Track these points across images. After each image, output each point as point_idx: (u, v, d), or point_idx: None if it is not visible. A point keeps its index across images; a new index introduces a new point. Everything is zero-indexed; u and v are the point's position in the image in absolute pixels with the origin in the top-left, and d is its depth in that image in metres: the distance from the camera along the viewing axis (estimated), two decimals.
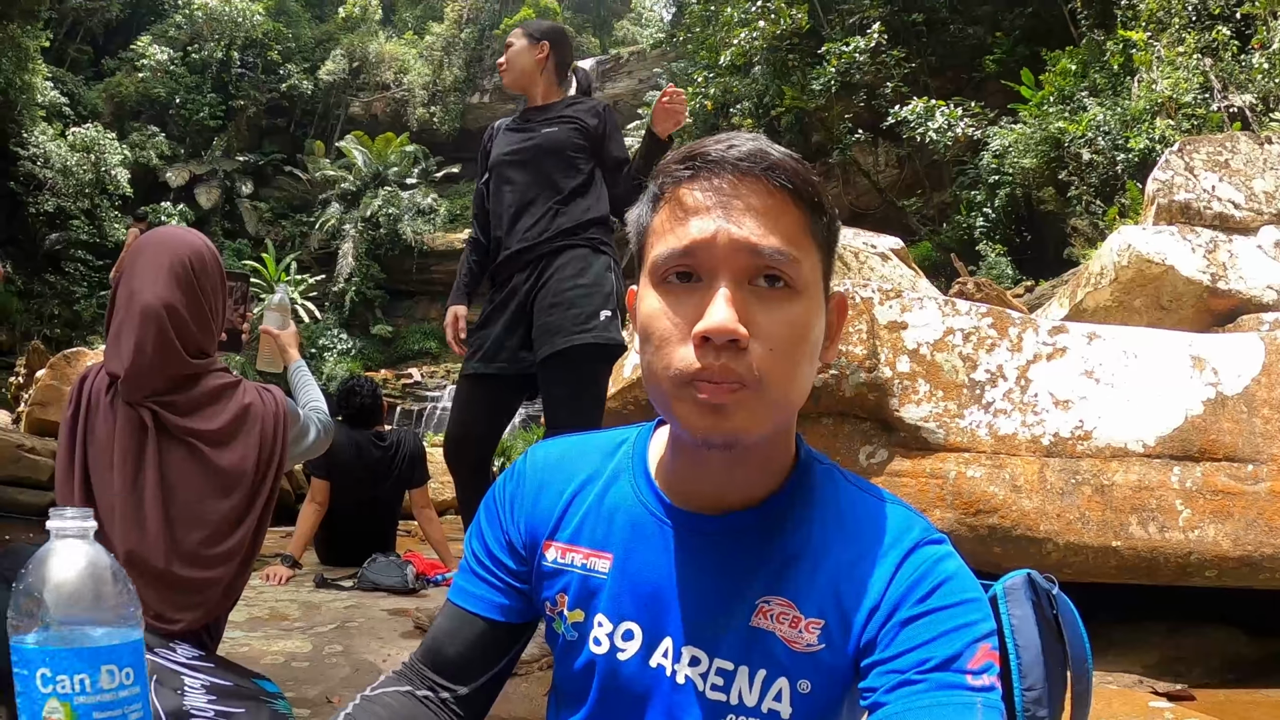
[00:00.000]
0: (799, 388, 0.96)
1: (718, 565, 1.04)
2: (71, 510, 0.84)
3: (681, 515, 1.06)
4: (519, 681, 2.87)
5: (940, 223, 15.50)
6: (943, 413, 3.02)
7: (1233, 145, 5.42)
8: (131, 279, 2.10)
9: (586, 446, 1.18)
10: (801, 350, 0.95)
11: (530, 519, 1.14)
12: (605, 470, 1.13)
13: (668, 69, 21.95)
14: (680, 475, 1.06)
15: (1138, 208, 7.29)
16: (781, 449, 1.05)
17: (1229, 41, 9.48)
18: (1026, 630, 1.10)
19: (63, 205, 22.20)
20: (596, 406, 3.10)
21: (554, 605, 1.11)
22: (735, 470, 1.02)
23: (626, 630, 1.06)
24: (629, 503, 1.09)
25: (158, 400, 2.06)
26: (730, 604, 1.02)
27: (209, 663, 2.02)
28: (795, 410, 0.99)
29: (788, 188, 0.94)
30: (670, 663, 1.03)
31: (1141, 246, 4.68)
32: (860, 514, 1.03)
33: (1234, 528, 2.79)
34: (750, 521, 1.04)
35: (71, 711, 0.77)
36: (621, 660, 1.06)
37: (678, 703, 1.03)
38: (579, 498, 1.13)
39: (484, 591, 1.15)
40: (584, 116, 3.32)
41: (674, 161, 0.98)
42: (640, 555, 1.07)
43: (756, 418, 0.93)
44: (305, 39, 30.70)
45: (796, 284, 0.94)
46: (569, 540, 1.11)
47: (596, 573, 1.08)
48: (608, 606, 1.07)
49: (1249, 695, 2.90)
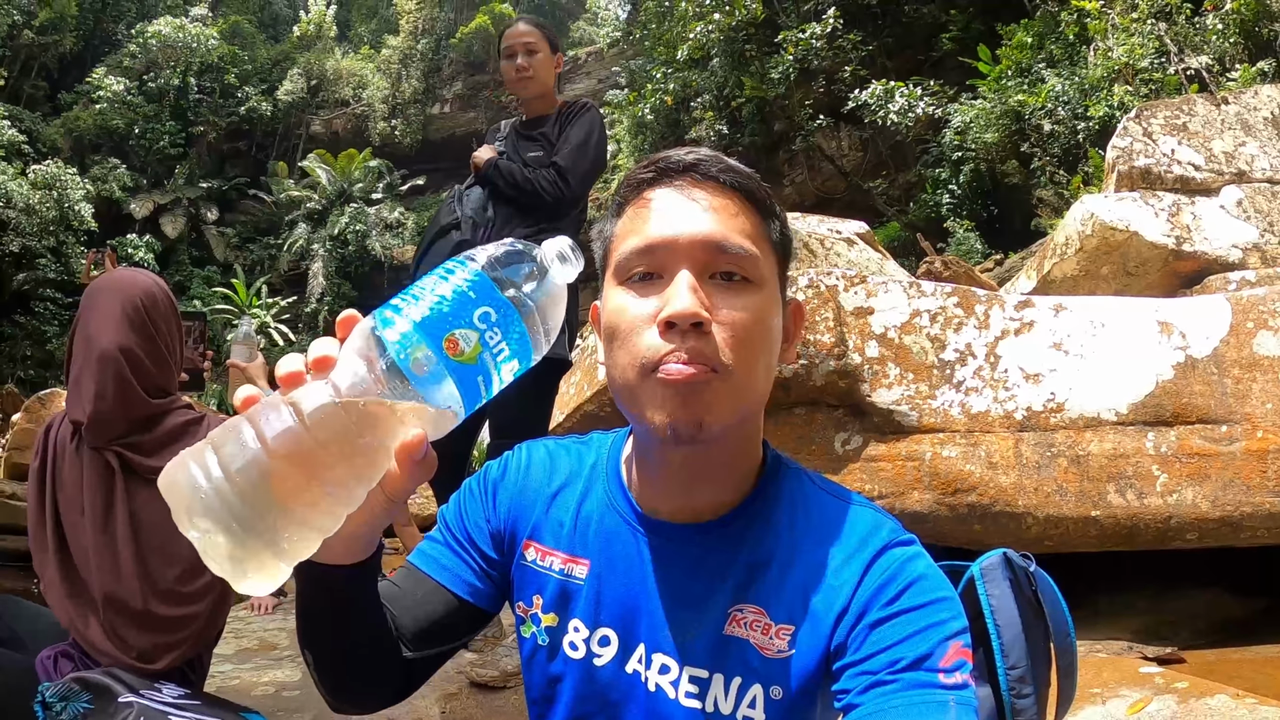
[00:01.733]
0: (761, 378, 0.97)
1: (688, 573, 1.04)
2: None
3: (652, 523, 1.06)
4: (509, 694, 2.87)
5: (907, 202, 15.56)
6: (914, 395, 3.02)
7: (1190, 108, 5.46)
8: (87, 326, 2.09)
9: (569, 450, 1.18)
10: (762, 339, 0.97)
11: (512, 512, 1.14)
12: (582, 475, 1.14)
13: (626, 67, 21.96)
14: (647, 482, 1.07)
15: (1101, 175, 7.34)
16: (747, 453, 1.05)
17: (1182, 4, 9.55)
18: (1006, 609, 1.10)
19: (28, 244, 22.01)
20: (541, 420, 3.14)
21: (528, 607, 1.11)
22: (701, 475, 1.02)
23: (603, 636, 1.06)
24: (604, 510, 1.10)
25: (122, 442, 2.05)
26: (701, 612, 1.02)
27: (195, 700, 2.01)
28: (758, 404, 1.00)
29: (742, 189, 0.99)
30: (644, 669, 1.04)
31: (1105, 215, 4.71)
32: (828, 517, 1.04)
33: (1212, 489, 2.80)
34: (719, 529, 1.04)
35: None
36: (598, 666, 1.06)
37: (654, 710, 1.03)
38: (559, 500, 1.13)
39: (458, 568, 1.13)
40: (560, 130, 3.32)
41: (636, 170, 1.02)
42: (616, 562, 1.07)
43: (722, 403, 0.94)
44: (261, 60, 30.56)
45: (754, 278, 0.97)
46: (549, 544, 1.11)
47: (574, 578, 1.09)
48: (584, 612, 1.08)
49: (1238, 654, 2.92)
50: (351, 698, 1.05)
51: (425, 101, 29.72)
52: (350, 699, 1.05)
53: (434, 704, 2.81)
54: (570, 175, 3.22)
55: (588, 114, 3.37)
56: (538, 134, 3.38)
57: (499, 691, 2.88)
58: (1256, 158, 5.16)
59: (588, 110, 3.39)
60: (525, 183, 3.22)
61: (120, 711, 1.83)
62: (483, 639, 3.32)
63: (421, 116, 29.47)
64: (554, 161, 3.24)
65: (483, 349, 0.76)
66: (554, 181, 3.20)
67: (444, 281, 0.77)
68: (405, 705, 2.78)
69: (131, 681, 1.93)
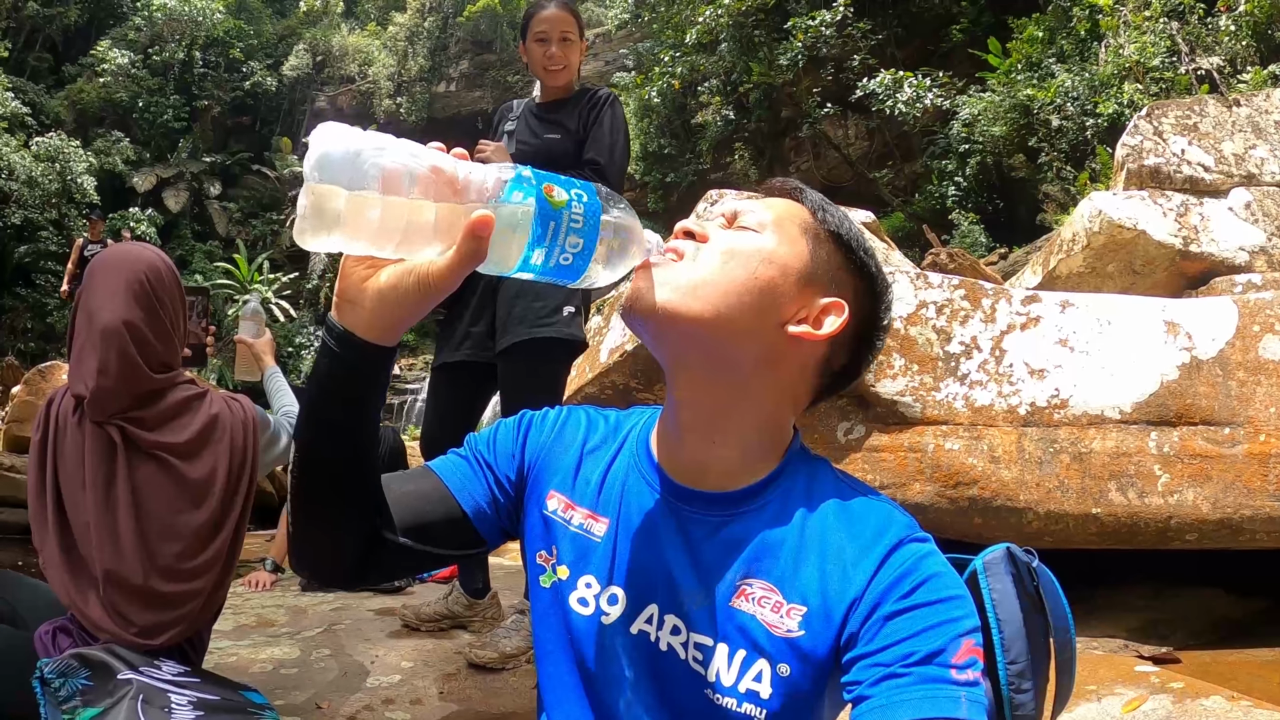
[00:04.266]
0: (720, 291, 1.03)
1: (702, 541, 1.07)
2: None
3: (673, 487, 1.10)
4: (508, 675, 2.88)
5: (912, 193, 15.52)
6: (919, 386, 3.02)
7: (1201, 109, 5.43)
8: (90, 300, 2.09)
9: (608, 417, 1.23)
10: (742, 265, 1.04)
11: (541, 456, 1.19)
12: (617, 439, 1.19)
13: (634, 49, 21.86)
14: (663, 439, 1.12)
15: (1108, 172, 7.31)
16: (748, 423, 1.09)
17: (1195, 4, 9.49)
18: (1008, 604, 1.11)
19: (30, 217, 21.91)
20: (554, 401, 3.09)
21: (548, 556, 1.15)
22: (709, 441, 1.08)
23: (612, 595, 1.10)
24: (630, 473, 1.14)
25: (124, 417, 2.05)
26: (711, 581, 1.05)
27: (195, 678, 2.02)
28: (709, 314, 1.03)
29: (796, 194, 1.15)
30: (654, 629, 1.07)
31: (1112, 212, 4.69)
32: (847, 507, 1.06)
33: (1213, 491, 2.80)
34: (740, 501, 1.08)
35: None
36: (605, 624, 1.09)
37: (659, 669, 1.06)
38: (590, 458, 1.18)
39: (470, 484, 1.17)
40: (582, 121, 3.26)
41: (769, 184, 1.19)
42: (634, 523, 1.11)
43: (674, 292, 1.01)
44: (267, 35, 30.39)
45: (754, 226, 1.08)
46: (573, 498, 1.15)
47: (592, 535, 1.13)
48: (598, 569, 1.11)
49: (1234, 655, 2.92)
50: (319, 530, 1.07)
51: (431, 79, 29.55)
52: (317, 533, 1.08)
53: (432, 684, 2.82)
54: (610, 173, 3.17)
55: (613, 108, 3.29)
56: (555, 118, 3.33)
57: (497, 673, 2.89)
58: (1266, 161, 5.14)
59: (613, 104, 3.32)
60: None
61: (120, 689, 1.84)
62: (480, 619, 3.33)
63: (427, 94, 29.28)
64: (593, 159, 3.18)
65: (566, 205, 0.90)
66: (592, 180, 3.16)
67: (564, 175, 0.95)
68: (405, 685, 2.79)
69: (131, 659, 1.93)
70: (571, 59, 3.30)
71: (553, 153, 3.20)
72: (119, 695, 1.83)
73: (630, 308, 1.03)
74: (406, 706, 2.67)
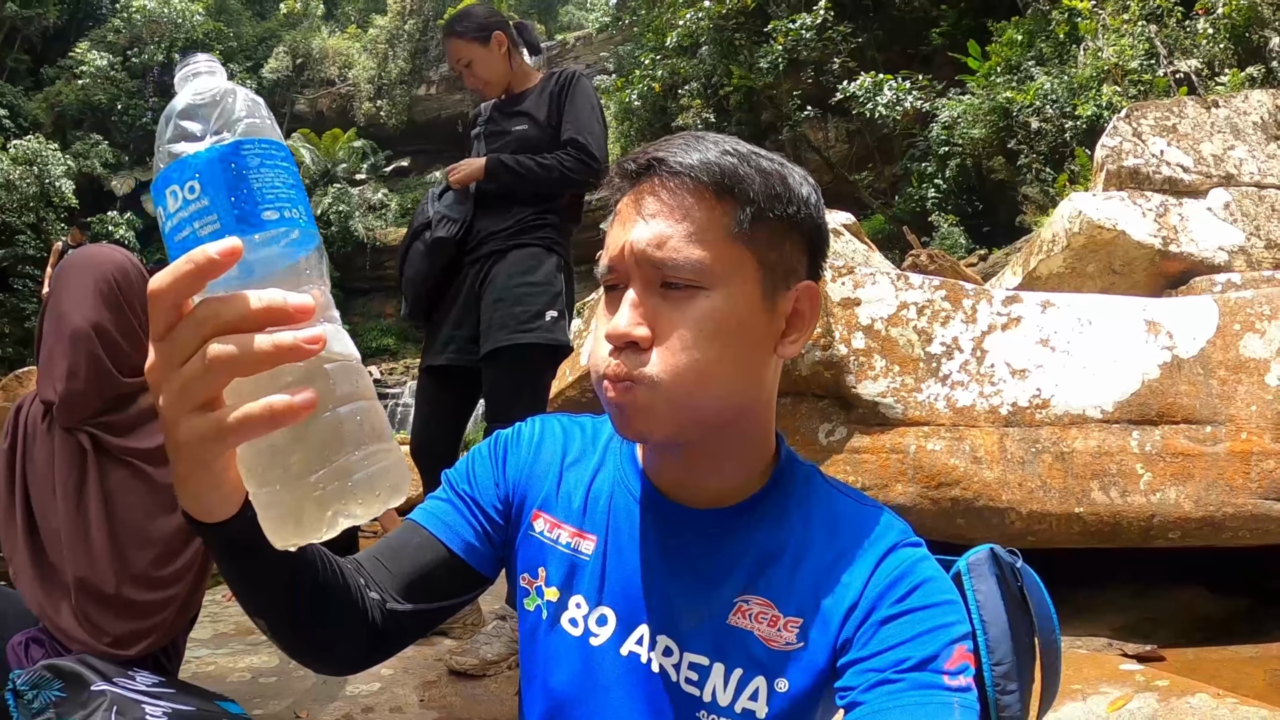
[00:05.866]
0: (710, 385, 0.95)
1: (696, 558, 1.05)
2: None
3: (664, 504, 1.07)
4: (489, 682, 2.85)
5: (892, 195, 15.55)
6: (900, 387, 3.01)
7: (1180, 110, 5.47)
8: (59, 303, 2.04)
9: (584, 427, 1.19)
10: (711, 345, 0.94)
11: (522, 479, 1.15)
12: (596, 451, 1.15)
13: (614, 53, 21.86)
14: (652, 464, 1.09)
15: (1087, 174, 7.35)
16: (747, 446, 1.05)
17: (1173, 7, 9.55)
18: (992, 605, 1.10)
19: (7, 220, 21.67)
20: (538, 406, 3.06)
21: (533, 579, 1.11)
22: (699, 468, 1.04)
23: (601, 615, 1.07)
24: (616, 488, 1.11)
25: (95, 423, 2.01)
26: (706, 599, 1.03)
27: (170, 688, 1.98)
28: (710, 407, 0.96)
29: (702, 177, 0.94)
30: (645, 650, 1.04)
31: (1092, 213, 4.71)
32: (839, 515, 1.05)
33: (1195, 489, 2.80)
34: (732, 518, 1.05)
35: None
36: (594, 646, 1.06)
37: (650, 691, 1.03)
38: (571, 473, 1.14)
39: (457, 525, 1.12)
40: (552, 106, 3.25)
41: (614, 170, 1.02)
42: (623, 540, 1.08)
43: (655, 417, 0.94)
44: (247, 38, 30.22)
45: (704, 282, 0.94)
46: (558, 516, 1.12)
47: (580, 553, 1.09)
48: (588, 589, 1.08)
49: (1218, 653, 2.92)
50: (314, 654, 1.01)
51: (411, 83, 29.43)
52: (313, 656, 1.02)
53: (412, 692, 2.79)
54: (594, 147, 3.16)
55: (580, 84, 3.29)
56: (519, 110, 3.32)
57: (478, 680, 2.86)
58: (1245, 161, 5.17)
59: (577, 80, 3.31)
60: (545, 169, 3.13)
61: (93, 700, 1.80)
62: (461, 625, 3.30)
63: (407, 98, 29.18)
64: (572, 138, 3.16)
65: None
66: (579, 159, 3.14)
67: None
68: (385, 693, 2.76)
69: (104, 669, 1.89)
70: (486, 74, 3.31)
71: (525, 142, 3.21)
72: (92, 707, 1.79)
73: (623, 435, 0.98)
74: (386, 714, 2.64)
